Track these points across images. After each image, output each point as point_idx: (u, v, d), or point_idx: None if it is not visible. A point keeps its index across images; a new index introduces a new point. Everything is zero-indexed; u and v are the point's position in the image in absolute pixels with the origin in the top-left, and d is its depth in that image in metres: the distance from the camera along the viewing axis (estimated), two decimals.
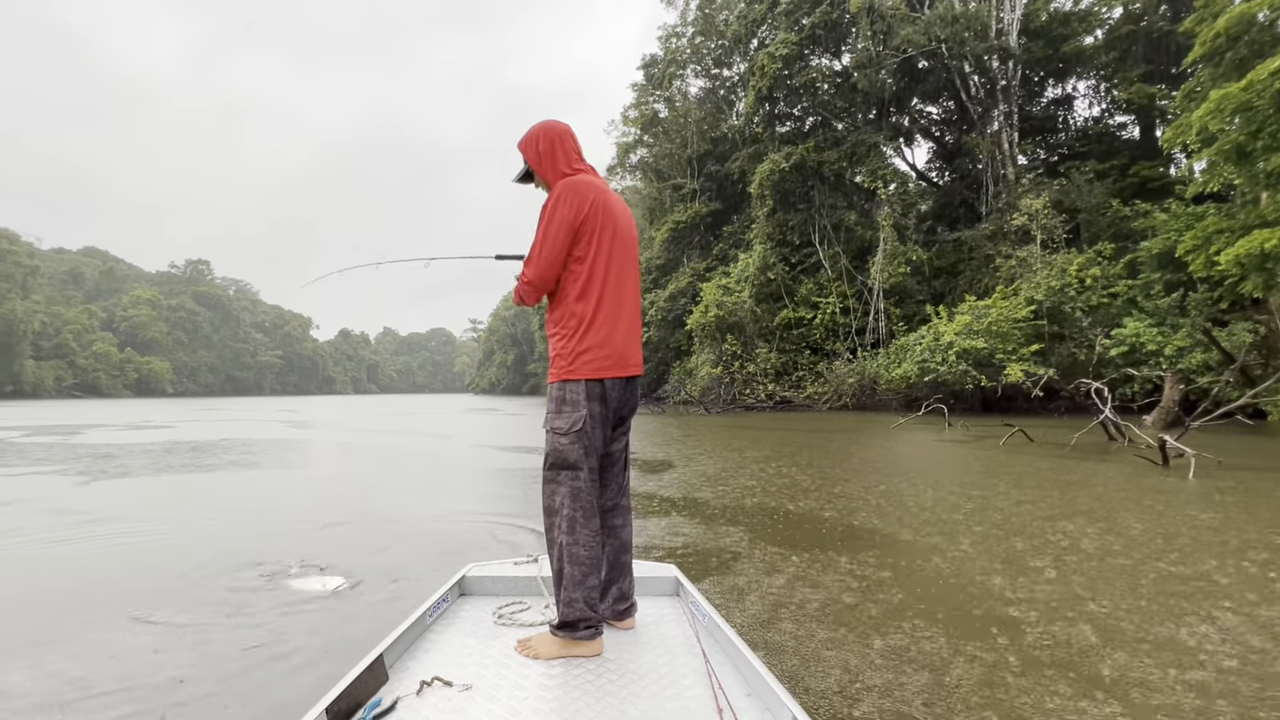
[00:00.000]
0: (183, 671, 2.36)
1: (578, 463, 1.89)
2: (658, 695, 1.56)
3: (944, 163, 29.41)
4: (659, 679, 1.65)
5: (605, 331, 1.93)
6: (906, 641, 2.52)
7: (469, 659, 1.77)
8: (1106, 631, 2.60)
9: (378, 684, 1.59)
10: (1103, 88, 25.70)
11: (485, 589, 2.35)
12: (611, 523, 2.06)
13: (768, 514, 5.10)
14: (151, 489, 6.96)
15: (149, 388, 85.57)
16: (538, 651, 1.81)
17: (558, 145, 2.02)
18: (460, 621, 2.06)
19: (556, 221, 1.89)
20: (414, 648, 1.84)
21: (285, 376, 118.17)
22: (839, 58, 29.54)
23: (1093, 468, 7.47)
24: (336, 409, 34.75)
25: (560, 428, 1.91)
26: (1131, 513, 4.93)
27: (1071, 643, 2.49)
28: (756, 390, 25.26)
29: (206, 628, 2.81)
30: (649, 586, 2.31)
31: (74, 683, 2.29)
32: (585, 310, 1.92)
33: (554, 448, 1.92)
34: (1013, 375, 16.68)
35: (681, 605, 2.20)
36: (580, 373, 1.91)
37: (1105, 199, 20.25)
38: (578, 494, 1.88)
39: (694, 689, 1.58)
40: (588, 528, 1.88)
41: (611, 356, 1.93)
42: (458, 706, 1.51)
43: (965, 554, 3.83)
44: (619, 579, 2.04)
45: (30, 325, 72.12)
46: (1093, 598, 3.02)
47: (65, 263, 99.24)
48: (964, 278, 22.88)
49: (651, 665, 1.73)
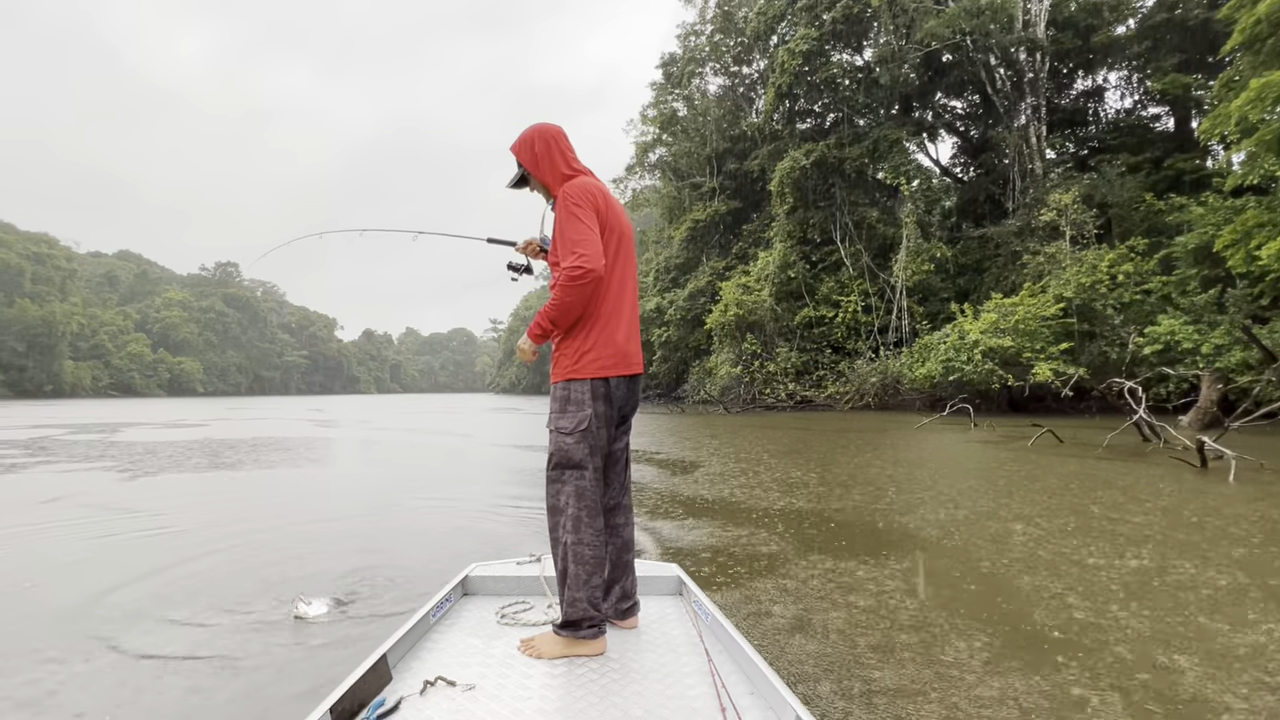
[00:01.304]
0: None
1: (583, 462, 1.88)
2: (661, 694, 1.55)
3: (969, 158, 28.83)
4: (662, 678, 1.64)
5: (610, 330, 1.92)
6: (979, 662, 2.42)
7: (472, 659, 1.77)
8: (1209, 659, 2.30)
9: (381, 684, 1.58)
10: (1135, 78, 24.93)
11: (488, 589, 2.35)
12: (614, 521, 2.05)
13: (799, 517, 5.01)
14: (192, 485, 7.08)
15: (180, 387, 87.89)
16: (541, 651, 1.80)
17: (553, 147, 2.00)
18: (463, 621, 2.06)
19: (585, 210, 1.88)
20: (417, 647, 1.84)
21: (311, 376, 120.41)
22: (860, 53, 29.15)
23: (1129, 470, 7.23)
24: (361, 408, 35.30)
25: (565, 427, 1.90)
26: (1184, 526, 4.74)
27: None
28: (777, 390, 25.03)
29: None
30: (652, 586, 2.30)
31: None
32: (599, 308, 1.92)
33: (559, 447, 1.91)
34: (1041, 374, 16.29)
35: (684, 604, 2.19)
36: (585, 371, 1.90)
37: (1138, 193, 19.66)
38: (582, 493, 1.87)
39: (697, 688, 1.58)
40: (592, 527, 1.87)
41: (616, 355, 1.92)
42: (461, 706, 1.50)
43: (1010, 565, 3.71)
44: (621, 578, 2.04)
45: (68, 326, 74.55)
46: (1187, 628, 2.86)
47: (102, 266, 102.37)
48: (990, 275, 22.42)
49: (654, 664, 1.73)
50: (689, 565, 3.59)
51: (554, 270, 1.98)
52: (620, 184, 41.91)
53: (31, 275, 73.95)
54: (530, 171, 2.04)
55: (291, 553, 4.08)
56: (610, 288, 1.94)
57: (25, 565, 3.88)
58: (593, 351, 1.90)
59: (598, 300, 1.91)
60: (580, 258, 1.81)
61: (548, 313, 1.87)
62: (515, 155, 2.06)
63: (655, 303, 35.91)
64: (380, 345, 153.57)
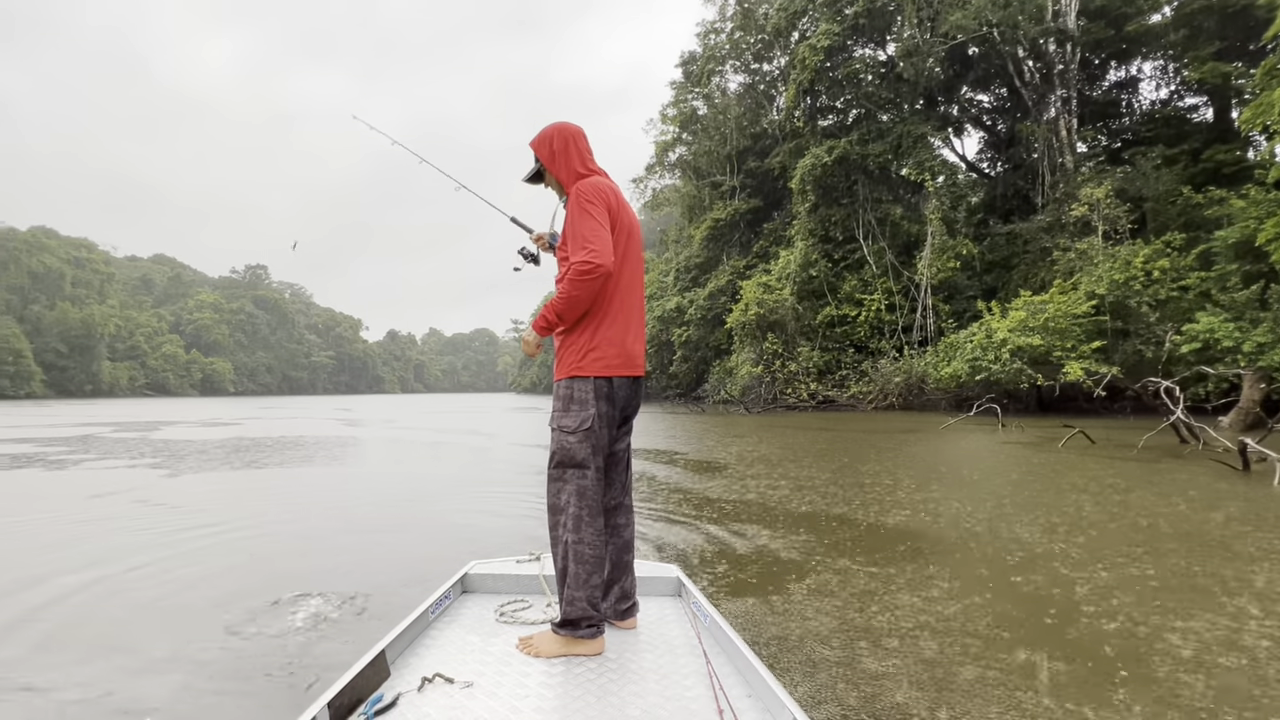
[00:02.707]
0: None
1: (585, 461, 1.88)
2: (658, 695, 1.55)
3: (996, 153, 28.21)
4: (660, 679, 1.64)
5: (618, 330, 1.93)
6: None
7: (470, 656, 1.78)
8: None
9: (379, 679, 1.59)
10: (1171, 68, 24.12)
11: (487, 587, 2.36)
12: (614, 521, 2.05)
13: (829, 522, 4.92)
14: (233, 483, 7.22)
15: (212, 387, 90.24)
16: (539, 649, 1.80)
17: (571, 145, 2.02)
18: (462, 619, 2.08)
19: (598, 207, 1.88)
20: (416, 644, 1.85)
21: (337, 376, 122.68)
22: (883, 47, 28.70)
23: (1166, 472, 6.97)
24: (386, 408, 35.86)
25: (568, 426, 1.90)
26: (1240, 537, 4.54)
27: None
28: (798, 389, 24.78)
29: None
30: (651, 587, 2.30)
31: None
32: (606, 308, 1.92)
33: (561, 446, 1.91)
34: (1072, 374, 15.85)
35: (683, 606, 2.19)
36: (590, 369, 1.90)
37: (1175, 186, 19.02)
38: (584, 492, 1.87)
39: (695, 689, 1.58)
40: (593, 526, 1.87)
41: (621, 355, 1.93)
42: (459, 703, 1.50)
43: (1064, 574, 3.58)
44: (621, 578, 2.04)
45: (106, 328, 77.07)
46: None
47: (138, 269, 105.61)
48: (1018, 272, 21.92)
49: (652, 665, 1.73)
50: (721, 570, 3.53)
51: (562, 265, 1.98)
52: (640, 183, 41.91)
53: (72, 279, 76.69)
54: (546, 167, 2.05)
55: (326, 546, 4.11)
56: (619, 286, 1.95)
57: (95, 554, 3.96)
58: (598, 349, 1.90)
59: (606, 298, 1.92)
60: (591, 253, 1.81)
61: (555, 305, 1.88)
62: (534, 151, 2.08)
63: (675, 302, 35.80)
64: (404, 345, 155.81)
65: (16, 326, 66.62)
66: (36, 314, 71.40)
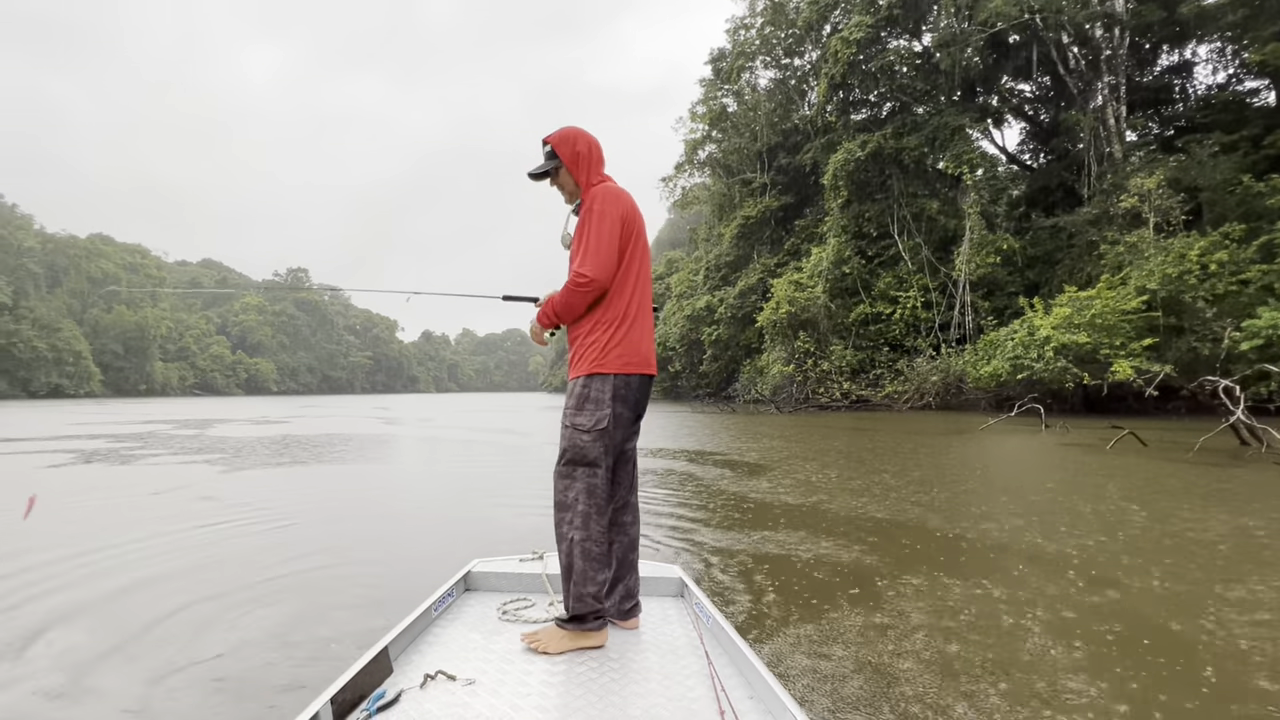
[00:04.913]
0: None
1: (597, 460, 1.90)
2: (660, 695, 1.55)
3: (1039, 144, 27.23)
4: (662, 679, 1.64)
5: (638, 330, 1.98)
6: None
7: (473, 654, 1.78)
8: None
9: (382, 676, 1.60)
10: (1229, 50, 22.87)
11: (490, 585, 2.38)
12: (621, 520, 2.05)
13: (883, 528, 4.78)
14: (291, 479, 7.35)
15: (257, 386, 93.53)
16: (546, 645, 1.79)
17: (594, 153, 2.07)
18: (465, 616, 2.09)
19: (610, 219, 1.92)
20: (418, 641, 1.86)
21: (374, 376, 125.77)
22: (918, 38, 27.98)
23: (1237, 477, 6.57)
24: (423, 407, 36.53)
25: (583, 424, 1.91)
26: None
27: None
28: (831, 389, 24.36)
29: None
30: (654, 587, 2.30)
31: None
32: (625, 308, 1.96)
33: (573, 444, 1.91)
34: (1121, 372, 15.15)
35: (686, 606, 2.19)
36: (610, 366, 1.92)
37: (1234, 174, 18.01)
38: (593, 490, 1.88)
39: (696, 690, 1.58)
40: (600, 524, 1.89)
41: (639, 355, 1.97)
42: (460, 700, 1.50)
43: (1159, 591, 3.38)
44: (625, 576, 2.04)
45: (159, 330, 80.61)
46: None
47: (187, 274, 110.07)
48: (1063, 267, 21.10)
49: (654, 665, 1.73)
50: (763, 579, 3.44)
51: (570, 264, 2.00)
52: (669, 182, 41.73)
53: (127, 283, 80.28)
54: (567, 165, 2.05)
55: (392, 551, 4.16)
56: (637, 289, 1.99)
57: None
58: (619, 347, 1.93)
59: (625, 299, 1.96)
60: (590, 267, 1.88)
61: (554, 306, 1.96)
62: (553, 146, 2.07)
63: (705, 301, 35.57)
64: (438, 346, 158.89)
65: (77, 329, 70.11)
66: (95, 317, 75.07)
